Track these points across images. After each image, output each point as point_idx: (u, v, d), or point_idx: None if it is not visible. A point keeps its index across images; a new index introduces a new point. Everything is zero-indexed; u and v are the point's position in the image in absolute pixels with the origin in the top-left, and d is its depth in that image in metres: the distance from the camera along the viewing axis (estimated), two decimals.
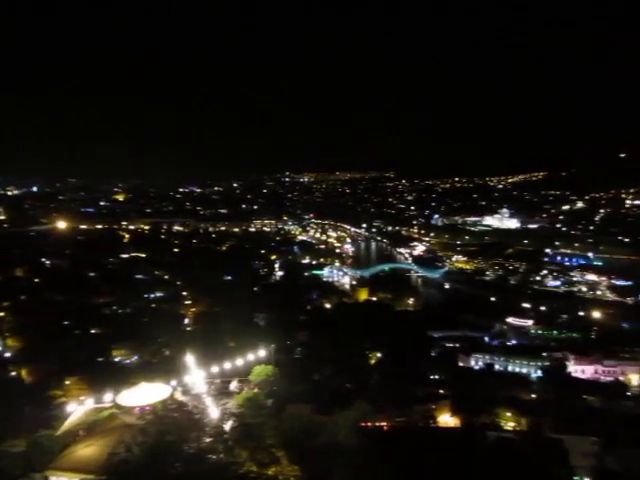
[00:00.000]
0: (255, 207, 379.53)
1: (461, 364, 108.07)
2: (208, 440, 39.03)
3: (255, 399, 55.46)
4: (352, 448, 48.05)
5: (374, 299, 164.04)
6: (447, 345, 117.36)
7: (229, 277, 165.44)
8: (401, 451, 50.43)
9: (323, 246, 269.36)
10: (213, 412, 51.92)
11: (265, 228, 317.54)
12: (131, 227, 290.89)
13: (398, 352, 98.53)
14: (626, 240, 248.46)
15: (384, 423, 64.15)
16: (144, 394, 50.57)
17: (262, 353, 71.23)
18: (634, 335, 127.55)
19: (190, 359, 61.91)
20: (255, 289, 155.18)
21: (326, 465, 43.94)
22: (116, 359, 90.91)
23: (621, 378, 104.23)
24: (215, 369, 63.12)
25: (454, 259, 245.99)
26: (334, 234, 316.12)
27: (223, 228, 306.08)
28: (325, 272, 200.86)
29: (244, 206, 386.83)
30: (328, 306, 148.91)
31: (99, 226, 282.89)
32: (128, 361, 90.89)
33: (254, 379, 63.75)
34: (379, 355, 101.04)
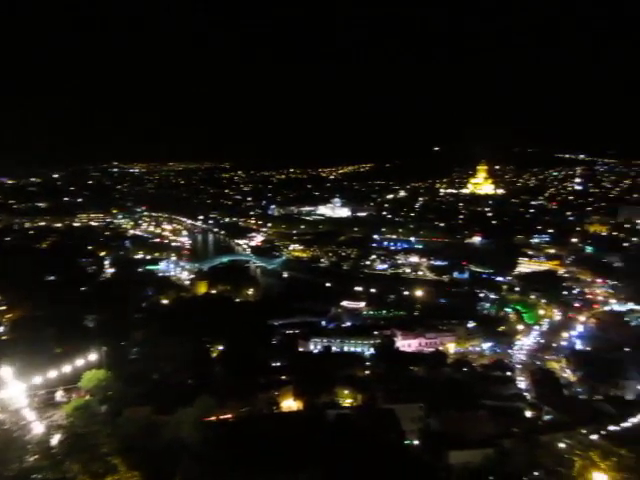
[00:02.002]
0: (80, 200, 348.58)
1: (301, 349, 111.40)
2: (32, 458, 35.29)
3: (86, 407, 51.53)
4: (196, 444, 47.04)
5: (213, 292, 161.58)
6: (287, 332, 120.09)
7: (52, 277, 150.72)
8: (245, 441, 50.63)
9: (158, 240, 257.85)
10: (37, 427, 46.91)
11: (92, 223, 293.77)
12: None
13: (239, 343, 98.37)
14: (441, 225, 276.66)
15: (228, 415, 63.70)
16: None
17: (93, 357, 66.10)
18: (449, 309, 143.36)
19: (6, 371, 55.00)
20: (83, 289, 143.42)
21: (170, 465, 42.46)
22: None
23: (441, 348, 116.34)
24: (38, 379, 56.95)
25: (291, 248, 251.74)
26: (169, 227, 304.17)
27: (43, 223, 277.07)
28: (161, 267, 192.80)
29: (67, 199, 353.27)
30: (165, 302, 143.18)
31: None
32: None
33: (84, 386, 59.10)
34: (220, 348, 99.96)
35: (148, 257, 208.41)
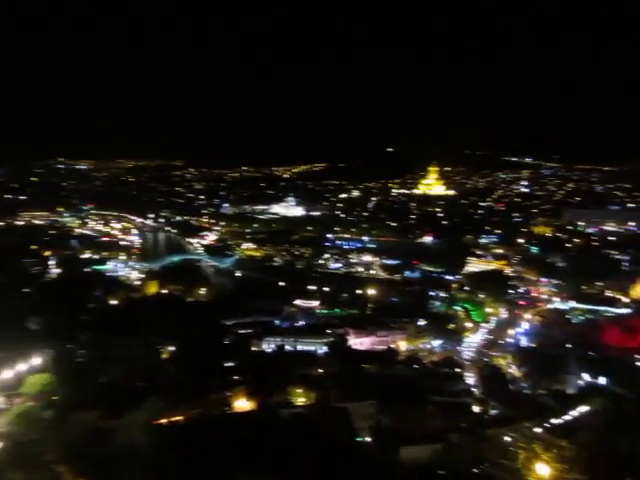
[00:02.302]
0: (23, 198, 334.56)
1: (254, 349, 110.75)
2: None
3: (29, 413, 49.76)
4: (146, 449, 46.16)
5: (164, 292, 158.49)
6: (240, 332, 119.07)
7: None
8: (197, 443, 50.03)
9: (106, 239, 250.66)
10: None
11: (36, 221, 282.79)
12: None
13: (191, 343, 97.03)
14: (393, 224, 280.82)
15: (179, 418, 62.84)
16: None
17: (37, 361, 63.71)
18: (401, 308, 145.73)
19: None
20: (26, 290, 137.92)
21: (118, 472, 41.52)
22: None
23: (392, 346, 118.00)
24: None
25: (244, 247, 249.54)
26: (118, 225, 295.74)
27: None
28: (109, 267, 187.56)
29: (9, 196, 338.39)
30: (114, 303, 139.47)
31: None
32: None
33: (27, 391, 56.98)
34: (171, 349, 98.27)
35: (96, 257, 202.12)
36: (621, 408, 67.63)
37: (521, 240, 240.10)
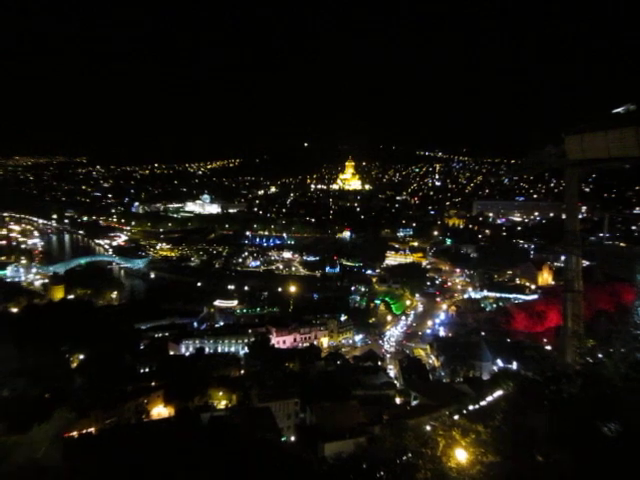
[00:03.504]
0: None
1: (171, 353, 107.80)
2: None
3: None
4: (54, 464, 43.48)
5: (71, 297, 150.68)
6: (156, 336, 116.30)
7: None
8: (111, 454, 47.82)
9: (4, 242, 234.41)
10: None
11: None
12: None
13: (102, 350, 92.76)
14: (312, 220, 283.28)
15: (92, 429, 59.92)
16: None
17: None
18: (322, 304, 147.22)
19: None
20: None
21: None
22: None
23: (315, 342, 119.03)
24: None
25: (158, 247, 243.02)
26: (17, 228, 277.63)
27: None
28: (9, 272, 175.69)
29: None
30: (15, 310, 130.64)
31: None
32: None
33: None
34: (82, 357, 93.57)
35: None
36: (530, 389, 72.03)
37: (436, 232, 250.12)
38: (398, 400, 79.32)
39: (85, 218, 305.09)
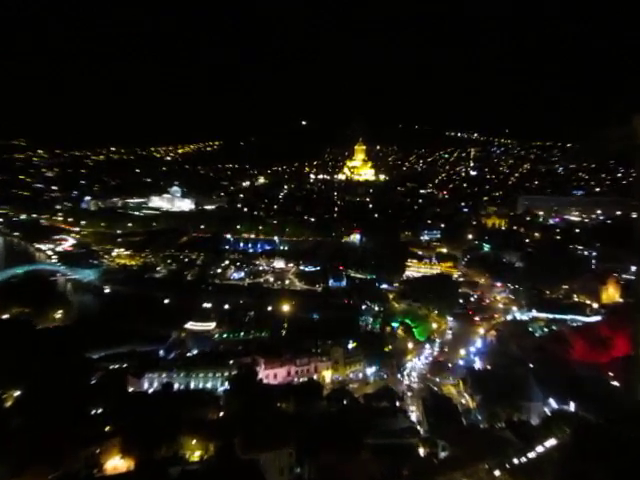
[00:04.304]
0: None
1: (132, 389, 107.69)
2: None
3: None
4: None
5: (5, 317, 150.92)
6: (112, 367, 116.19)
7: None
8: None
9: None
10: None
11: None
12: None
13: (44, 385, 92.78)
14: (312, 220, 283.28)
15: None
16: None
17: None
18: (324, 327, 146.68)
19: None
20: None
21: None
22: None
23: (315, 377, 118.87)
24: None
25: (115, 254, 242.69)
26: None
27: None
28: None
29: None
30: None
31: None
32: None
33: None
34: (18, 393, 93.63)
35: None
36: (592, 436, 71.72)
37: (470, 236, 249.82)
38: (422, 451, 79.38)
39: (23, 216, 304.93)
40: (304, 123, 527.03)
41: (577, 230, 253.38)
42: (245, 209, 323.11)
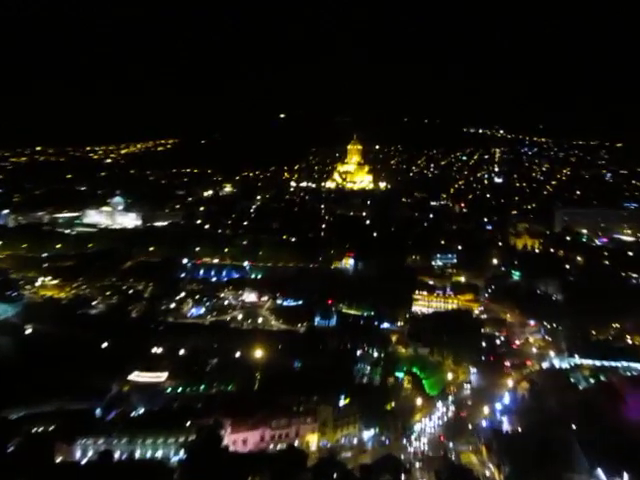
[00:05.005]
0: None
1: (60, 458, 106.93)
2: None
3: None
4: None
5: None
6: (34, 430, 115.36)
7: None
8: None
9: None
10: None
11: None
12: None
13: None
14: (292, 240, 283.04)
15: None
16: None
17: None
18: (309, 378, 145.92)
19: None
20: None
21: None
22: None
23: (296, 443, 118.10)
24: None
25: (39, 283, 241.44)
26: None
27: None
28: None
29: None
30: None
31: None
32: None
33: None
34: None
35: None
36: None
37: (495, 260, 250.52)
38: None
39: None
40: (283, 116, 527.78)
41: (630, 253, 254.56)
42: (207, 226, 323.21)
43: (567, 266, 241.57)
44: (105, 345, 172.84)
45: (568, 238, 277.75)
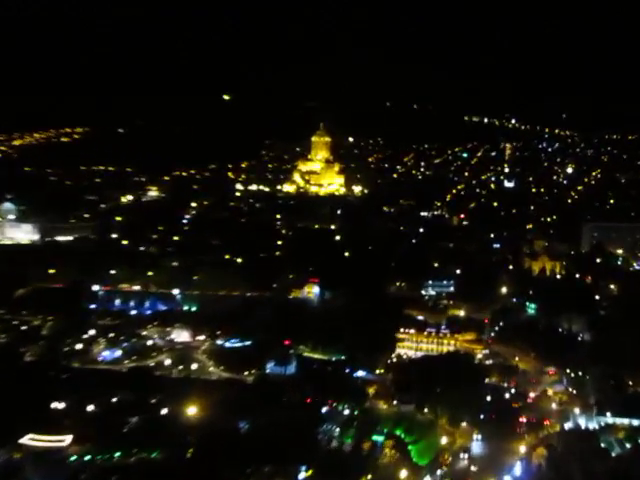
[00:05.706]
0: None
1: None
2: None
3: None
4: None
5: None
6: None
7: None
8: None
9: None
10: None
11: None
12: None
13: None
14: (238, 260, 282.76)
15: None
16: None
17: None
18: (258, 441, 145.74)
19: None
20: None
21: None
22: None
23: None
24: None
25: None
26: None
27: None
28: None
29: None
30: None
31: None
32: None
33: None
34: None
35: None
36: None
37: (504, 289, 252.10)
38: None
39: None
40: (227, 98, 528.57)
41: None
42: (125, 242, 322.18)
43: (597, 297, 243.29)
44: None
45: (598, 260, 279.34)
